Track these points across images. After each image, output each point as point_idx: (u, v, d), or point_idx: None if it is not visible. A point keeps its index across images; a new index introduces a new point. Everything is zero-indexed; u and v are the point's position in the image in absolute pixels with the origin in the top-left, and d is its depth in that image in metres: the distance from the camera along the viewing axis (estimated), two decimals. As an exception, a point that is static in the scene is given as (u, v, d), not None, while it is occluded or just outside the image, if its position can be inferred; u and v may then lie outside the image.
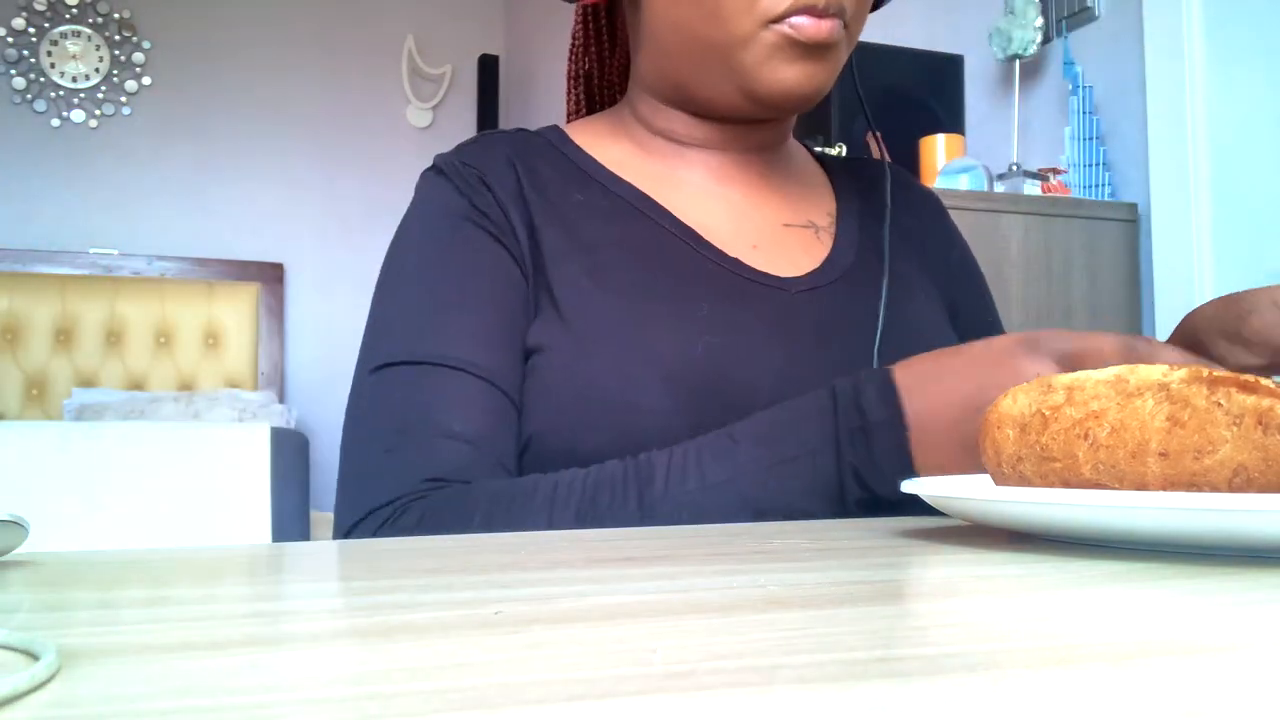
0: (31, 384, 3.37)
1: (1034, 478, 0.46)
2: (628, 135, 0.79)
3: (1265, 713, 0.19)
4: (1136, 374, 0.44)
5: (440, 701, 0.21)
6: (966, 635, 0.27)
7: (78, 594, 0.37)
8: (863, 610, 0.31)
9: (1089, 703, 0.20)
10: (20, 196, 3.63)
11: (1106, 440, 0.43)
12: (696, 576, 0.37)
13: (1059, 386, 0.46)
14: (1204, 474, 0.40)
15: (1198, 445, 0.40)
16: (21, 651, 0.26)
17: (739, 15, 0.67)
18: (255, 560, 0.44)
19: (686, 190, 0.77)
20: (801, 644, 0.26)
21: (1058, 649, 0.25)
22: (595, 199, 0.74)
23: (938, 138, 1.87)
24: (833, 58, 0.70)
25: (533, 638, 0.28)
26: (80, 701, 0.22)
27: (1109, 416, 0.43)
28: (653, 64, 0.76)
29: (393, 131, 4.00)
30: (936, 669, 0.24)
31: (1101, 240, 1.77)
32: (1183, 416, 0.41)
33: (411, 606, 0.32)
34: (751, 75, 0.69)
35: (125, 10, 3.77)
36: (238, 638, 0.28)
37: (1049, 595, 0.33)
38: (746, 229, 0.76)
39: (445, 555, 0.45)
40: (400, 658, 0.25)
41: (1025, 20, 1.91)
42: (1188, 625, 0.28)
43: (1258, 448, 0.39)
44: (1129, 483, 0.42)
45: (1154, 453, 0.41)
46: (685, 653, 0.26)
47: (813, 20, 0.66)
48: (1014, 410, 0.47)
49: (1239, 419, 0.40)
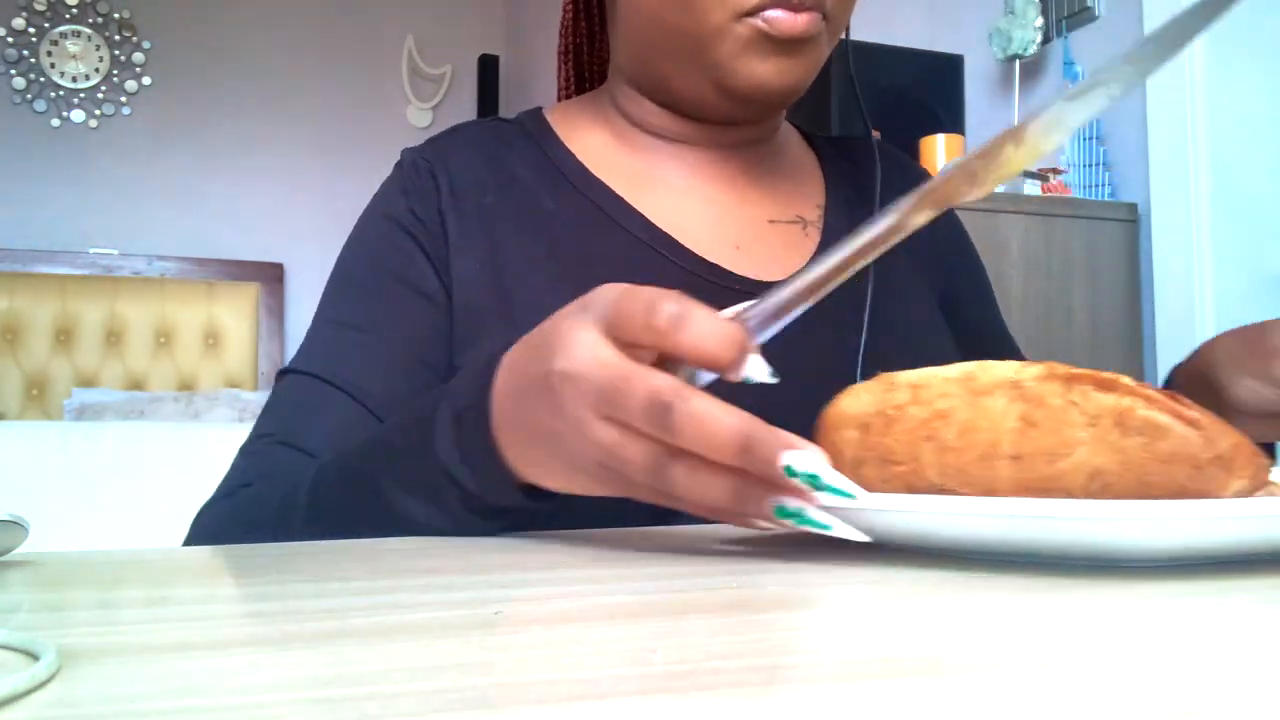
0: (31, 384, 3.37)
1: (876, 483, 0.42)
2: (607, 124, 0.77)
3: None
4: (986, 370, 0.40)
5: (440, 701, 0.21)
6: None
7: (78, 594, 0.37)
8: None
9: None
10: (20, 196, 3.63)
11: (954, 442, 0.39)
12: (697, 576, 0.37)
13: (903, 384, 0.42)
14: (1058, 479, 0.37)
15: (1051, 448, 0.37)
16: (21, 651, 0.26)
17: (712, 7, 0.65)
18: (255, 560, 0.44)
19: (665, 189, 0.74)
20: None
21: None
22: (566, 207, 0.72)
23: (938, 138, 1.87)
24: (811, 53, 0.67)
25: (533, 638, 0.28)
26: (80, 701, 0.22)
27: (957, 416, 0.39)
28: (630, 54, 0.74)
29: (393, 131, 4.00)
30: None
31: (1101, 240, 1.77)
32: (1036, 416, 0.38)
33: (411, 606, 0.32)
34: (724, 69, 0.67)
35: (125, 10, 3.77)
36: (238, 638, 0.28)
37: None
38: (728, 229, 0.73)
39: (445, 555, 0.45)
40: (400, 658, 0.25)
41: (1025, 20, 1.91)
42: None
43: (1115, 450, 0.36)
44: (978, 488, 0.39)
45: (1005, 456, 0.38)
46: (685, 652, 0.26)
47: (787, 14, 0.64)
48: (854, 409, 0.44)
49: (1096, 419, 0.37)
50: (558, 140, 0.75)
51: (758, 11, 0.64)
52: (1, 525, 0.40)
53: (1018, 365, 0.40)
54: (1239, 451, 0.36)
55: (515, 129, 0.76)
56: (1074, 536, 0.35)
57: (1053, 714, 0.20)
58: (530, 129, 0.76)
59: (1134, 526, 0.33)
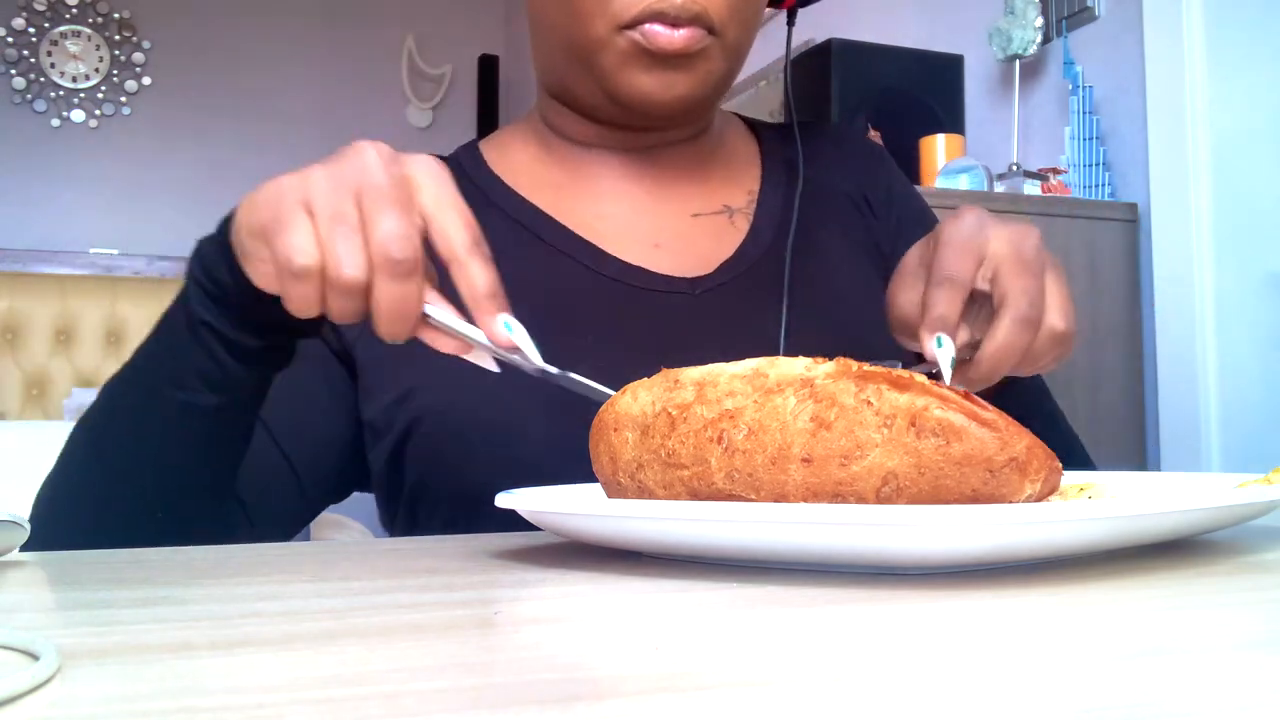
0: (31, 384, 3.37)
1: (657, 488, 0.40)
2: (536, 139, 0.77)
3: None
4: (776, 367, 0.38)
5: (440, 701, 0.21)
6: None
7: (78, 594, 0.37)
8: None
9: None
10: (20, 196, 3.63)
11: (743, 444, 0.37)
12: (696, 577, 0.37)
13: (687, 382, 0.40)
14: (850, 483, 0.35)
15: (844, 450, 0.35)
16: (21, 651, 0.26)
17: (593, 18, 0.65)
18: (255, 560, 0.44)
19: (588, 197, 0.74)
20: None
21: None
22: (490, 230, 0.71)
23: (938, 138, 1.87)
24: (697, 67, 0.66)
25: (533, 638, 0.28)
26: (80, 701, 0.22)
27: (746, 416, 0.37)
28: (541, 64, 0.74)
29: (393, 131, 4.00)
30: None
31: (1101, 240, 1.77)
32: (828, 417, 0.36)
33: (411, 606, 0.32)
34: (609, 80, 0.67)
35: (125, 10, 3.77)
36: (238, 638, 0.28)
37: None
38: (648, 227, 0.73)
39: (445, 555, 0.45)
40: (400, 658, 0.25)
41: (1025, 20, 1.91)
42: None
43: (909, 453, 0.34)
44: (767, 493, 0.37)
45: (796, 459, 0.36)
46: (685, 652, 0.25)
47: (665, 29, 0.63)
48: (634, 409, 0.41)
49: (890, 420, 0.35)
50: (486, 167, 0.77)
51: (636, 25, 0.64)
52: (1, 525, 0.40)
53: (809, 362, 0.38)
54: (1033, 455, 0.35)
55: (449, 163, 0.78)
56: (865, 545, 0.33)
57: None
58: (462, 161, 0.77)
59: (928, 534, 0.32)
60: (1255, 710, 0.20)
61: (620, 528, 0.39)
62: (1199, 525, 0.40)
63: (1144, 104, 1.79)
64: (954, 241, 0.55)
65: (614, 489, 0.42)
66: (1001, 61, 2.00)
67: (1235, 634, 0.27)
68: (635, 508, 0.38)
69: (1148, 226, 1.78)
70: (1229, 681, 0.22)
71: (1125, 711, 0.20)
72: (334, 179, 0.48)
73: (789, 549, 0.35)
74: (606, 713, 0.20)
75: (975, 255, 0.55)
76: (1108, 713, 0.20)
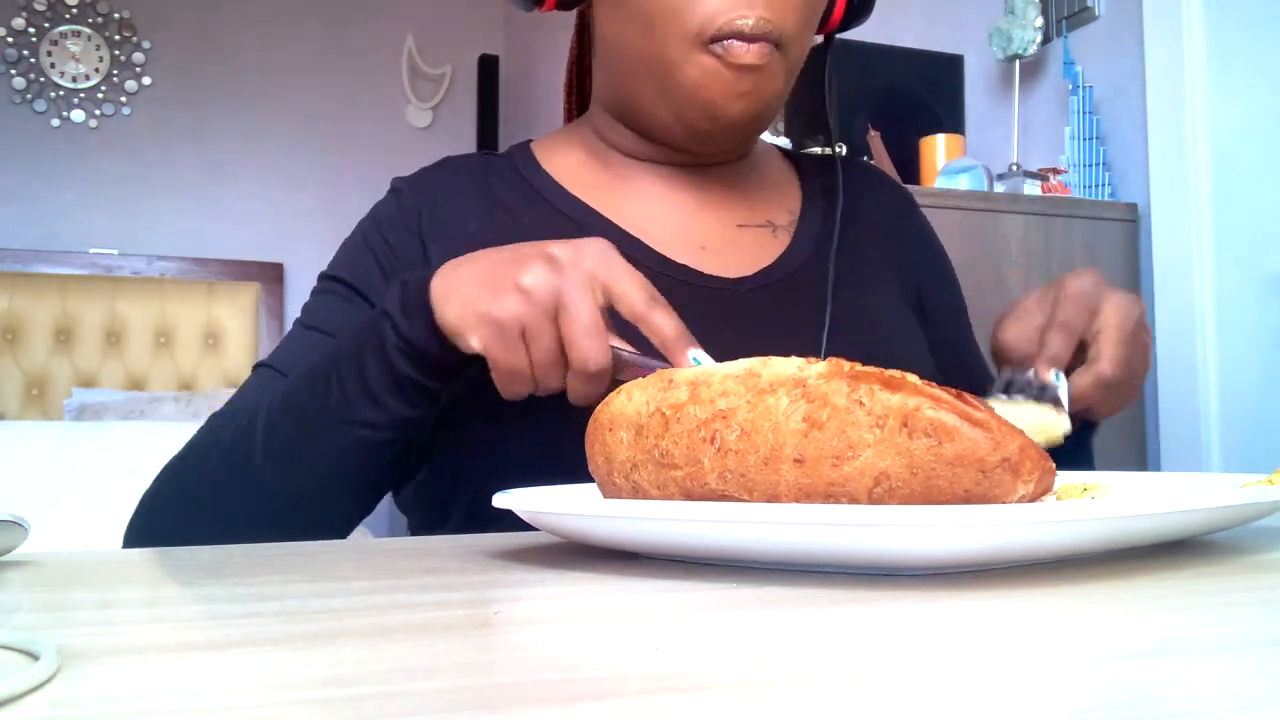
0: (31, 384, 3.37)
1: (651, 489, 0.40)
2: (584, 147, 0.80)
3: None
4: (769, 368, 0.38)
5: (440, 701, 0.21)
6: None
7: (78, 594, 0.37)
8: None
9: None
10: (20, 196, 3.63)
11: (736, 444, 0.37)
12: (695, 578, 0.37)
13: (681, 382, 0.40)
14: (842, 483, 0.35)
15: (837, 450, 0.35)
16: (21, 651, 0.26)
17: (673, 33, 0.68)
18: (255, 560, 0.44)
19: (636, 199, 0.77)
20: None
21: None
22: (541, 221, 0.75)
23: (938, 138, 1.87)
24: (766, 83, 0.69)
25: (533, 638, 0.28)
26: (80, 701, 0.22)
27: (738, 417, 0.37)
28: (606, 82, 0.77)
29: (393, 131, 4.00)
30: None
31: (1101, 240, 1.77)
32: (821, 417, 0.36)
33: (411, 606, 0.32)
34: (683, 96, 0.69)
35: (125, 10, 3.77)
36: (238, 638, 0.28)
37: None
38: (695, 231, 0.76)
39: (445, 555, 0.45)
40: (400, 658, 0.25)
41: (1025, 20, 1.91)
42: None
43: (901, 453, 0.34)
44: (760, 494, 0.37)
45: (789, 459, 0.36)
46: (685, 652, 0.25)
47: (742, 44, 0.66)
48: (629, 409, 0.41)
49: (882, 420, 0.35)
50: (537, 164, 0.80)
51: (717, 40, 0.67)
52: (1, 525, 0.40)
53: (801, 362, 0.38)
54: (1025, 455, 0.35)
55: (504, 160, 0.81)
56: (858, 545, 0.33)
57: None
58: (515, 157, 0.81)
59: (921, 535, 0.32)
60: (1255, 710, 0.20)
61: (612, 528, 0.39)
62: (1199, 526, 0.40)
63: (1144, 104, 1.79)
64: (1076, 296, 0.64)
65: (609, 489, 0.42)
66: (1001, 61, 2.00)
67: (1236, 634, 0.27)
68: (626, 508, 0.38)
69: (1148, 226, 1.78)
70: (1229, 681, 0.22)
71: (1125, 711, 0.20)
72: (534, 301, 0.55)
73: (781, 550, 0.35)
74: (606, 713, 0.20)
75: (1091, 311, 0.64)
76: (1108, 713, 0.20)
